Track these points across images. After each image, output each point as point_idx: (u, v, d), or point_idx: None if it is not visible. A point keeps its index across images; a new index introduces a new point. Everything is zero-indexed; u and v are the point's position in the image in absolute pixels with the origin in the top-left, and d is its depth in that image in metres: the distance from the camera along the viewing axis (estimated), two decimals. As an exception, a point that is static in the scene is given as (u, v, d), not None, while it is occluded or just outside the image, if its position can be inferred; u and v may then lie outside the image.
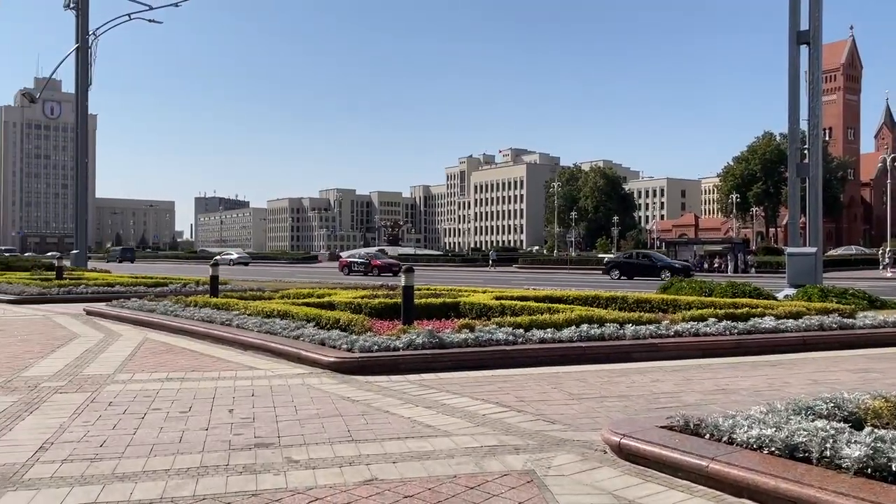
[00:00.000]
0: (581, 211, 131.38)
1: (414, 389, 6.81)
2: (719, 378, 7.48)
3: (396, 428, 5.33)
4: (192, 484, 4.05)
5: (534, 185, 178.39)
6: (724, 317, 10.20)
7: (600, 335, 9.01)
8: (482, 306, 11.73)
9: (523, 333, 8.80)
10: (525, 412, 5.85)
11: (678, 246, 60.34)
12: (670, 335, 9.31)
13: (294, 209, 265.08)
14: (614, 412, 5.84)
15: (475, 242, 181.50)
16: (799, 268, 17.76)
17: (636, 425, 4.82)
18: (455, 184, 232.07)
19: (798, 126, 18.99)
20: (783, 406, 4.67)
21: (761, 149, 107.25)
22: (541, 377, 7.47)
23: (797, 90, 18.60)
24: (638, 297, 12.90)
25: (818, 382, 7.16)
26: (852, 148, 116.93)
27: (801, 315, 10.66)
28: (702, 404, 6.06)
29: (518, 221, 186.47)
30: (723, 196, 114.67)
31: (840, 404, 4.68)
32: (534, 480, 4.11)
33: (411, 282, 9.97)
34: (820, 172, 18.70)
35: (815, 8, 18.28)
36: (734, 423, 4.42)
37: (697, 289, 14.73)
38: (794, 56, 18.59)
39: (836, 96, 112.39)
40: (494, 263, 66.03)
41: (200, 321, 11.45)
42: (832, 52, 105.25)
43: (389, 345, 8.15)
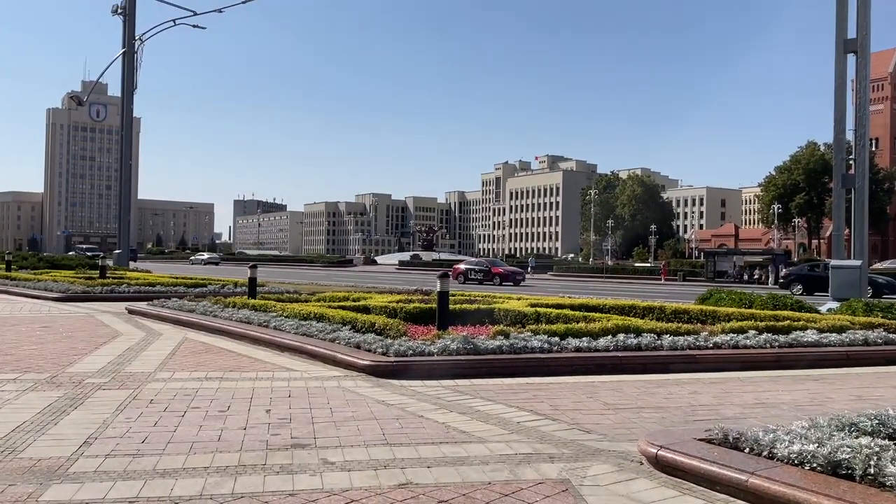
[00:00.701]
0: (617, 219, 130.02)
1: (448, 395, 6.82)
2: (759, 392, 7.34)
3: (431, 433, 5.35)
4: (231, 482, 4.12)
5: (570, 193, 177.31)
6: (764, 329, 10.01)
7: (637, 345, 8.91)
8: (517, 313, 11.69)
9: (559, 342, 8.75)
10: (560, 421, 5.82)
11: (717, 256, 59.35)
12: (709, 347, 9.17)
13: (330, 213, 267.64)
14: (651, 423, 5.77)
15: (510, 249, 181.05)
16: (843, 281, 17.35)
17: (673, 437, 4.76)
18: (490, 190, 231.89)
19: (844, 136, 18.58)
20: (826, 422, 4.57)
21: (804, 158, 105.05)
22: (576, 386, 7.42)
23: (843, 99, 18.22)
24: (676, 307, 12.73)
25: (862, 398, 6.98)
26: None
27: (844, 329, 10.41)
28: (741, 418, 5.96)
29: (553, 229, 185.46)
30: (764, 206, 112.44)
31: (885, 421, 4.56)
32: (569, 489, 4.09)
33: (447, 287, 9.99)
34: (866, 183, 18.27)
35: (863, 16, 17.90)
36: (775, 437, 4.34)
37: (737, 300, 14.46)
38: (840, 65, 18.22)
39: (883, 106, 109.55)
40: (534, 270, 65.57)
41: (238, 322, 11.62)
42: (880, 60, 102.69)
43: (424, 350, 8.18)
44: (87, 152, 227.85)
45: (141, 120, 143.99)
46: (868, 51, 18.09)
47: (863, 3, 17.85)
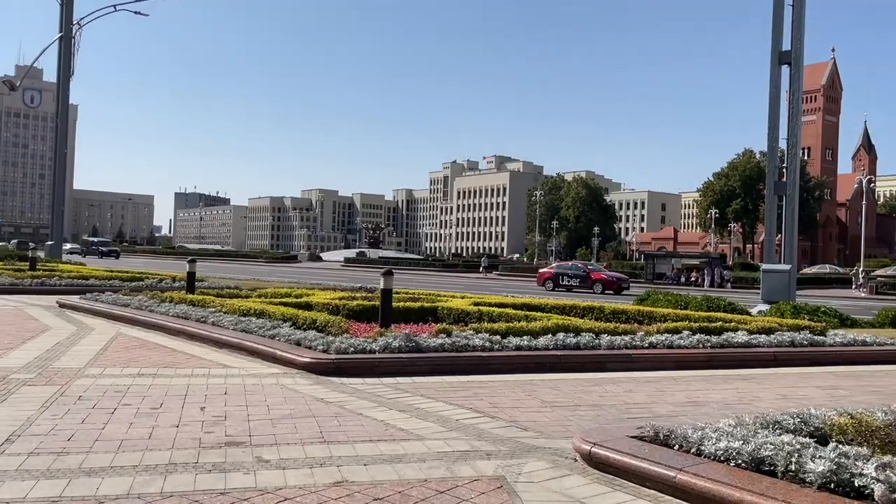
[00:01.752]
0: (562, 220, 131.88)
1: (389, 392, 6.80)
2: (691, 390, 7.56)
3: (369, 430, 5.33)
4: (160, 481, 4.02)
5: (516, 193, 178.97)
6: (698, 330, 10.31)
7: (576, 344, 9.07)
8: (460, 311, 11.75)
9: (500, 340, 8.83)
10: (498, 418, 5.87)
11: (657, 259, 60.85)
12: (645, 346, 9.39)
13: (275, 208, 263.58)
14: (586, 421, 5.88)
15: (456, 248, 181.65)
16: (773, 284, 18.00)
17: (607, 434, 4.86)
18: (438, 188, 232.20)
19: (777, 144, 19.27)
20: (751, 420, 4.73)
21: (741, 165, 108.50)
22: (516, 384, 7.50)
23: (777, 109, 18.89)
24: (615, 307, 13.00)
25: (787, 398, 7.26)
26: (830, 168, 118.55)
27: (773, 331, 10.80)
28: (673, 416, 6.12)
29: (500, 228, 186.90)
30: (702, 211, 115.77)
31: (807, 420, 4.75)
32: (504, 486, 4.13)
33: (390, 285, 9.97)
34: (797, 191, 18.99)
35: (798, 29, 18.60)
36: (703, 435, 4.48)
37: (673, 301, 14.87)
38: (775, 75, 18.89)
39: (815, 117, 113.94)
40: (486, 270, 65.17)
41: (175, 317, 11.35)
42: (813, 73, 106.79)
43: (366, 347, 8.14)
44: (20, 139, 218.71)
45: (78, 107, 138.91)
46: (801, 62, 18.80)
47: (797, 16, 18.55)
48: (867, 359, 10.41)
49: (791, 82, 18.77)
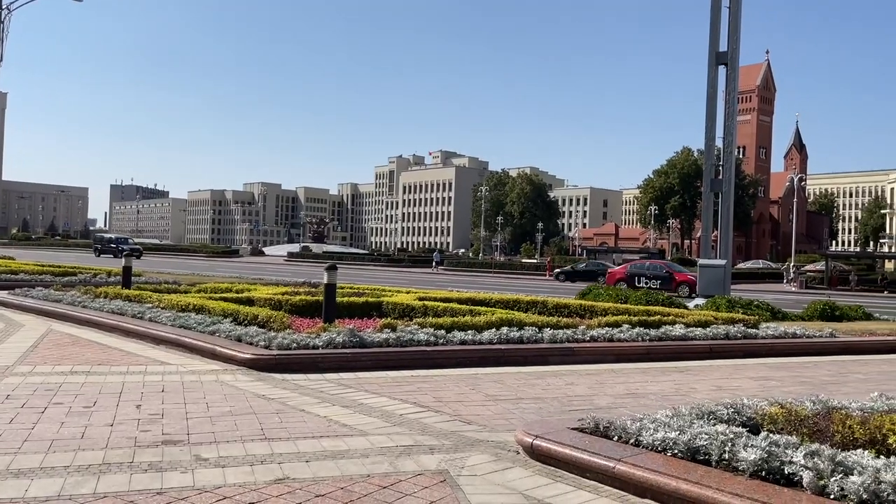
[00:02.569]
0: (507, 216, 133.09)
1: (332, 388, 6.75)
2: (630, 382, 7.73)
3: (311, 427, 5.27)
4: (93, 481, 3.89)
5: (462, 188, 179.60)
6: (637, 324, 10.55)
7: (519, 338, 9.16)
8: (405, 306, 11.73)
9: (445, 335, 8.85)
10: (442, 413, 5.89)
11: (598, 254, 62.05)
12: (586, 340, 9.56)
13: (216, 201, 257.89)
14: (529, 414, 5.95)
15: (402, 243, 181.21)
16: (709, 279, 18.55)
17: (548, 427, 4.93)
18: (384, 183, 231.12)
19: (714, 143, 19.85)
20: (687, 410, 4.87)
21: (680, 163, 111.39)
22: (460, 378, 7.53)
23: (714, 109, 19.45)
24: (557, 302, 13.18)
25: (722, 389, 7.49)
26: (763, 167, 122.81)
27: (708, 324, 11.14)
28: (613, 407, 6.25)
29: (445, 223, 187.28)
30: (642, 207, 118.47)
31: (740, 410, 4.92)
32: (447, 480, 4.14)
33: (334, 280, 9.88)
34: (732, 189, 19.61)
35: (734, 31, 19.18)
36: (641, 426, 4.58)
37: (614, 296, 15.18)
38: (712, 76, 19.44)
39: (750, 116, 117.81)
40: (438, 265, 64.36)
41: (110, 313, 11.00)
42: (748, 74, 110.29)
43: (309, 343, 8.05)
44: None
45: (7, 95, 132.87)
46: (737, 63, 19.39)
47: (734, 18, 19.12)
48: (797, 350, 10.83)
49: (727, 83, 19.35)
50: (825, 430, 4.26)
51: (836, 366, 9.74)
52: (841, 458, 3.74)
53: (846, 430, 4.14)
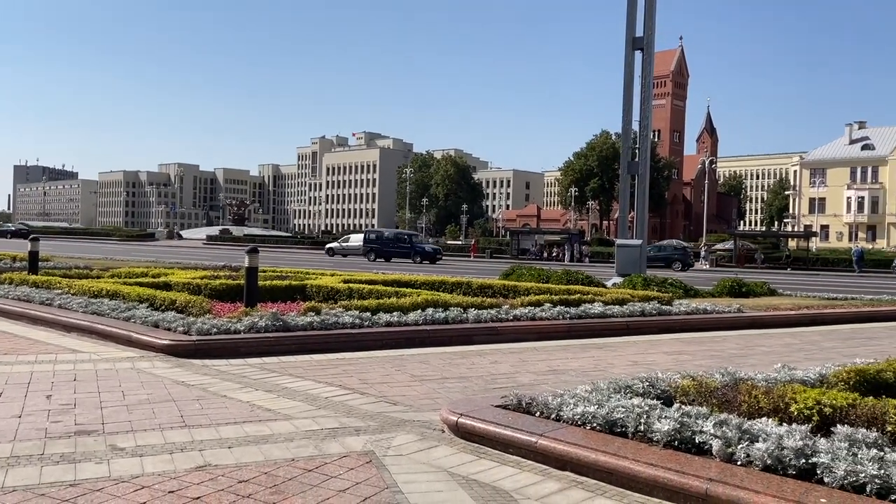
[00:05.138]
0: (432, 198, 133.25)
1: (255, 373, 6.64)
2: (552, 360, 7.93)
3: (234, 412, 5.18)
4: (1, 475, 3.71)
5: (387, 170, 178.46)
6: (558, 302, 10.80)
7: (444, 319, 9.24)
8: (330, 289, 11.63)
9: (370, 317, 8.83)
10: (368, 394, 5.89)
11: (521, 235, 63.00)
12: (509, 319, 9.73)
13: (129, 183, 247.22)
14: (454, 393, 6.02)
15: (326, 225, 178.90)
16: (626, 258, 19.15)
17: (473, 405, 5.01)
18: (307, 164, 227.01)
19: (631, 127, 20.43)
20: (605, 385, 5.04)
21: (599, 146, 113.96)
22: (385, 360, 7.54)
23: (631, 93, 19.99)
24: (482, 282, 13.35)
25: (638, 364, 7.78)
26: (677, 150, 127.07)
27: (625, 302, 11.52)
28: (535, 384, 6.40)
29: (370, 205, 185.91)
30: (563, 189, 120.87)
31: (654, 383, 5.12)
32: (373, 461, 4.16)
33: (255, 263, 9.68)
34: (647, 171, 20.26)
35: (650, 17, 19.70)
36: (562, 401, 4.71)
37: (536, 276, 15.47)
38: (629, 60, 19.94)
39: (665, 101, 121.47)
40: None
41: (16, 300, 10.45)
42: (663, 59, 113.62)
43: (230, 327, 7.88)
44: None
45: None
46: (653, 48, 19.95)
47: (649, 5, 19.63)
48: (708, 325, 11.35)
49: (643, 67, 19.90)
50: (733, 400, 4.49)
51: (744, 339, 10.27)
52: (747, 427, 3.96)
53: (752, 399, 4.37)
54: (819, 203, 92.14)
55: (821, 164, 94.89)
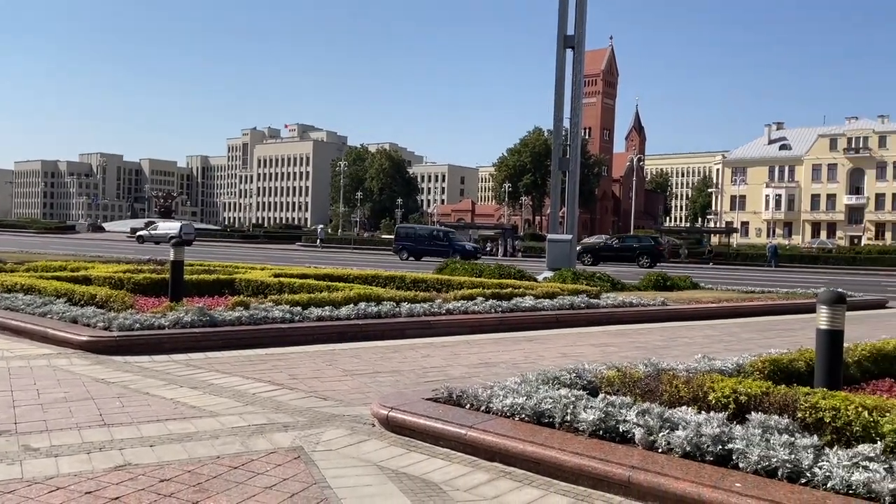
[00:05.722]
0: (367, 192, 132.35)
1: (180, 370, 6.46)
2: (484, 352, 8.01)
3: (156, 410, 5.03)
4: None
5: (320, 163, 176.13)
6: (490, 296, 10.91)
7: (377, 313, 9.20)
8: (259, 283, 11.40)
9: (301, 311, 8.71)
10: (297, 390, 5.81)
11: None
12: (442, 313, 9.77)
13: (48, 173, 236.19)
14: (385, 387, 6.01)
15: (257, 218, 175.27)
16: (557, 253, 19.47)
17: (403, 398, 5.01)
18: (237, 156, 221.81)
19: (562, 124, 20.74)
20: (534, 377, 5.12)
21: (532, 142, 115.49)
22: (316, 354, 7.46)
23: (562, 91, 20.29)
24: (415, 276, 13.34)
25: (567, 355, 7.93)
26: (607, 147, 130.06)
27: (555, 295, 11.73)
28: (467, 377, 6.45)
29: (303, 199, 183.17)
30: (497, 185, 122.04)
31: (581, 374, 5.23)
32: (301, 457, 4.11)
33: (181, 256, 9.40)
34: (578, 167, 20.63)
35: (581, 15, 20.04)
36: (492, 393, 4.77)
37: (470, 270, 15.58)
38: (561, 58, 20.24)
39: (595, 99, 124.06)
40: (323, 242, 61.40)
41: (-80, 296, 9.83)
42: (594, 58, 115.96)
43: (153, 323, 7.64)
44: None
45: None
46: (583, 47, 20.30)
47: (580, 4, 19.98)
48: (633, 318, 11.67)
49: (574, 66, 20.23)
50: (655, 390, 4.63)
51: (668, 331, 10.61)
52: (668, 415, 4.09)
53: (673, 389, 4.52)
54: (740, 200, 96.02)
55: (741, 163, 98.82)
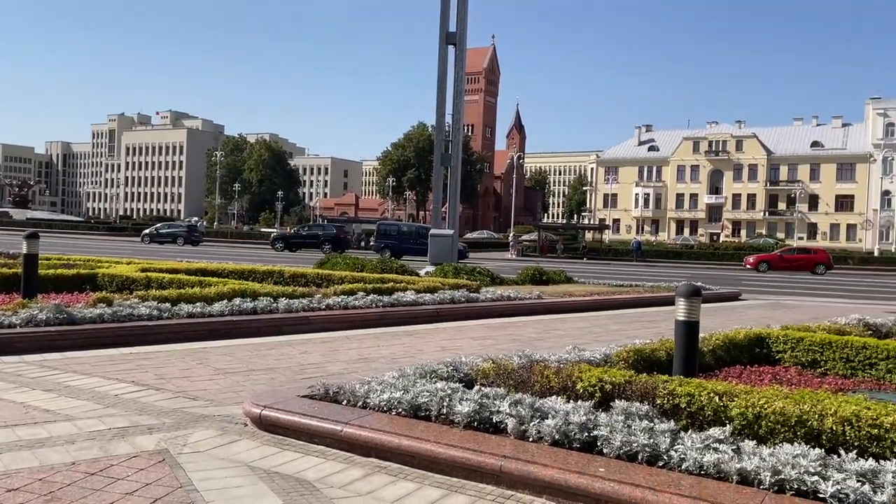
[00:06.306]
0: (245, 183, 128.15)
1: (32, 371, 5.99)
2: (363, 348, 7.96)
3: (4, 415, 4.64)
4: None
5: (195, 153, 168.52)
6: (372, 291, 10.86)
7: (253, 309, 8.93)
8: (125, 279, 10.78)
9: (170, 308, 8.31)
10: (164, 390, 5.54)
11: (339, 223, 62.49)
12: (322, 308, 9.62)
13: None
14: (260, 385, 5.84)
15: (125, 210, 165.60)
16: (439, 248, 19.69)
17: (278, 396, 4.89)
18: (103, 143, 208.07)
19: (444, 119, 20.96)
20: (412, 371, 5.14)
21: (416, 137, 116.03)
22: (186, 353, 7.14)
23: (445, 87, 20.48)
24: (294, 271, 13.07)
25: (446, 349, 8.03)
26: (489, 145, 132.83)
27: (437, 290, 11.85)
28: (345, 373, 6.38)
29: (176, 190, 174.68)
30: (381, 179, 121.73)
31: (458, 367, 5.31)
32: (166, 460, 3.92)
33: (36, 249, 8.74)
34: (460, 163, 20.91)
35: (462, 12, 20.30)
36: (369, 388, 4.74)
37: (351, 265, 15.44)
38: (443, 55, 20.42)
39: (478, 97, 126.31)
40: (203, 235, 58.46)
41: None
42: (477, 56, 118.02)
43: (3, 321, 7.04)
44: None
45: None
46: (465, 44, 20.57)
47: (461, 1, 20.24)
48: (511, 311, 11.98)
49: (456, 62, 20.47)
50: (528, 380, 4.78)
51: (543, 324, 10.97)
52: (539, 405, 4.23)
53: (544, 379, 4.68)
54: (612, 198, 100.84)
55: (614, 163, 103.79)
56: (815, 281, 31.67)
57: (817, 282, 30.96)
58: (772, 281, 30.01)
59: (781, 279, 31.86)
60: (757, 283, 27.75)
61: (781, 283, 28.86)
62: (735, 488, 3.32)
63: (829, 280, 33.04)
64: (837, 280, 33.20)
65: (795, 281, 30.58)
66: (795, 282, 29.83)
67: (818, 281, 31.81)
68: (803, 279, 32.63)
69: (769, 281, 29.92)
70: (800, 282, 30.00)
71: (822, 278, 34.78)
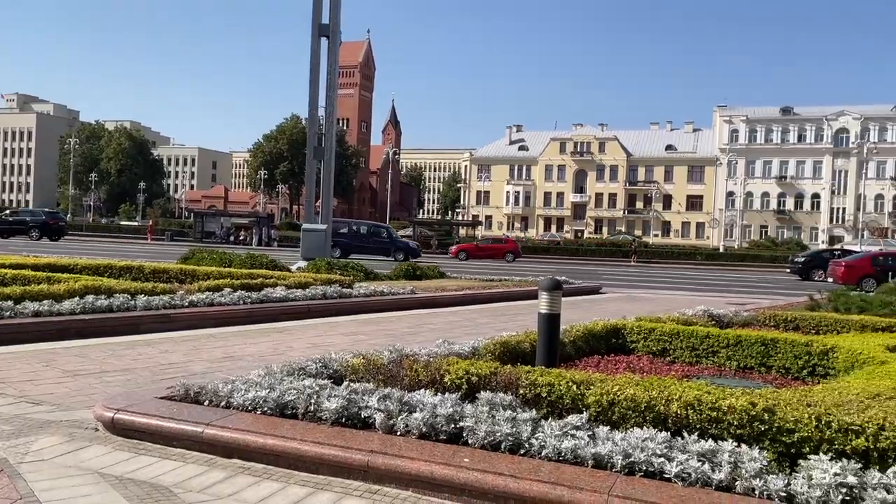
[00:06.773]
0: (103, 173, 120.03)
1: None
2: (229, 346, 7.69)
3: None
4: None
5: (46, 140, 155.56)
6: (239, 287, 10.51)
7: (108, 307, 8.41)
8: (-42, 275, 9.81)
9: (13, 306, 7.66)
10: (4, 395, 5.10)
11: (206, 217, 60.00)
12: (185, 305, 9.20)
13: None
14: (114, 387, 5.50)
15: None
16: (312, 242, 19.35)
17: (133, 398, 4.63)
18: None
19: (317, 112, 20.60)
20: (279, 368, 5.02)
21: (289, 129, 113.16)
22: (31, 355, 6.61)
23: (318, 79, 20.11)
24: (156, 267, 12.41)
25: (317, 346, 7.91)
26: (365, 139, 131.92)
27: (308, 285, 11.64)
28: (209, 372, 6.14)
29: (24, 179, 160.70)
30: (252, 171, 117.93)
31: (327, 363, 5.25)
32: (5, 470, 3.61)
33: None
34: (333, 157, 20.63)
35: (335, 5, 20.03)
36: (233, 387, 4.59)
37: (218, 260, 14.87)
38: (315, 47, 20.04)
39: (353, 91, 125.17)
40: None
41: None
42: (352, 50, 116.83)
43: None
44: None
45: None
46: (338, 36, 20.29)
47: (335, -7, 19.96)
48: (384, 307, 11.99)
49: (329, 55, 20.16)
50: (397, 375, 4.80)
51: (416, 318, 11.06)
52: (407, 399, 4.26)
53: (413, 373, 4.71)
54: (485, 196, 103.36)
55: (487, 161, 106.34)
56: (672, 275, 33.92)
57: (673, 276, 33.18)
58: (636, 275, 31.88)
59: (649, 272, 33.91)
60: (620, 277, 29.37)
61: (645, 277, 30.72)
62: (590, 472, 3.50)
63: (681, 274, 35.52)
64: (690, 274, 35.75)
65: (656, 275, 32.65)
66: (656, 276, 31.85)
67: (675, 275, 34.09)
68: (663, 272, 34.92)
69: (635, 276, 31.76)
70: (661, 275, 32.07)
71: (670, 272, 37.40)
